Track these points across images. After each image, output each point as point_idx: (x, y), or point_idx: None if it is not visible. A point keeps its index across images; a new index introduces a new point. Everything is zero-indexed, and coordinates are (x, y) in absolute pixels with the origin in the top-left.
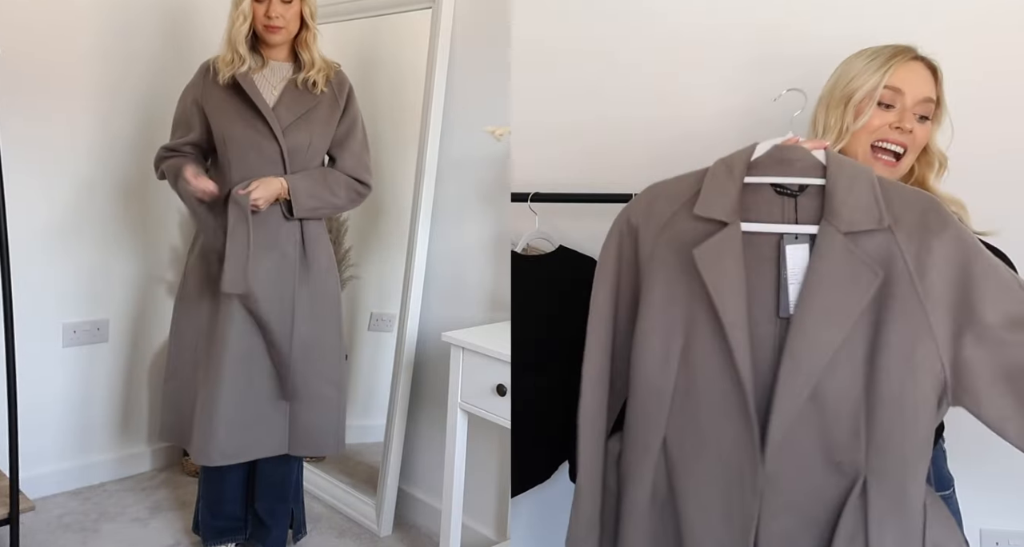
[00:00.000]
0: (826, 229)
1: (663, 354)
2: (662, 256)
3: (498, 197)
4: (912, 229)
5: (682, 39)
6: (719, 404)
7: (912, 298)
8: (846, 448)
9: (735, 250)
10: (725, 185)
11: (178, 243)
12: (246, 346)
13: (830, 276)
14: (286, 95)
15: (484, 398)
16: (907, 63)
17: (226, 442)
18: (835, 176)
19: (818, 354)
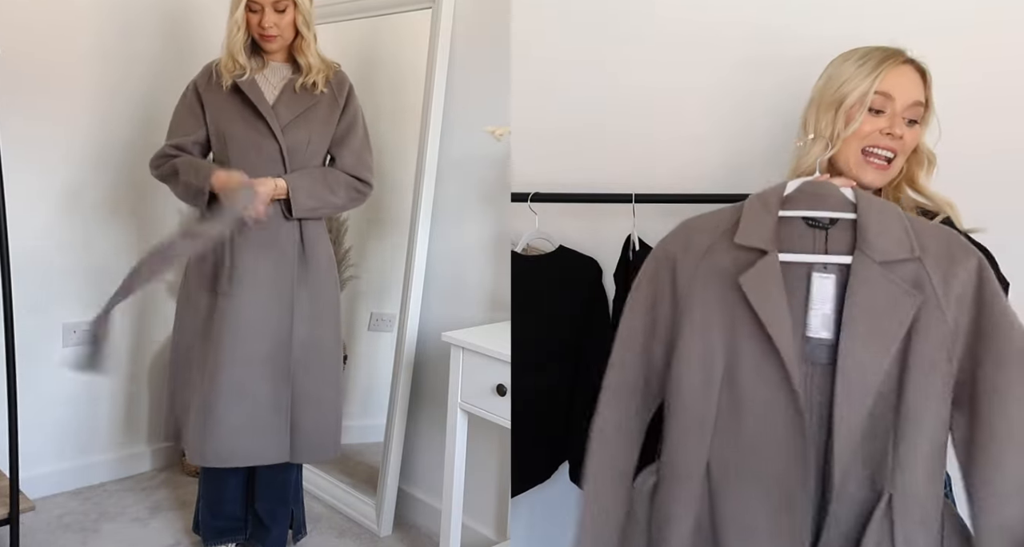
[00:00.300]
0: (861, 259)
1: (705, 379)
2: (702, 284)
3: (498, 197)
4: (939, 258)
5: (678, 38)
6: (769, 427)
7: (940, 322)
8: (878, 463)
9: (777, 277)
10: (762, 217)
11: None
12: (245, 348)
13: (870, 302)
14: (285, 95)
15: (484, 398)
16: (897, 67)
17: (222, 444)
18: (866, 211)
19: (870, 376)
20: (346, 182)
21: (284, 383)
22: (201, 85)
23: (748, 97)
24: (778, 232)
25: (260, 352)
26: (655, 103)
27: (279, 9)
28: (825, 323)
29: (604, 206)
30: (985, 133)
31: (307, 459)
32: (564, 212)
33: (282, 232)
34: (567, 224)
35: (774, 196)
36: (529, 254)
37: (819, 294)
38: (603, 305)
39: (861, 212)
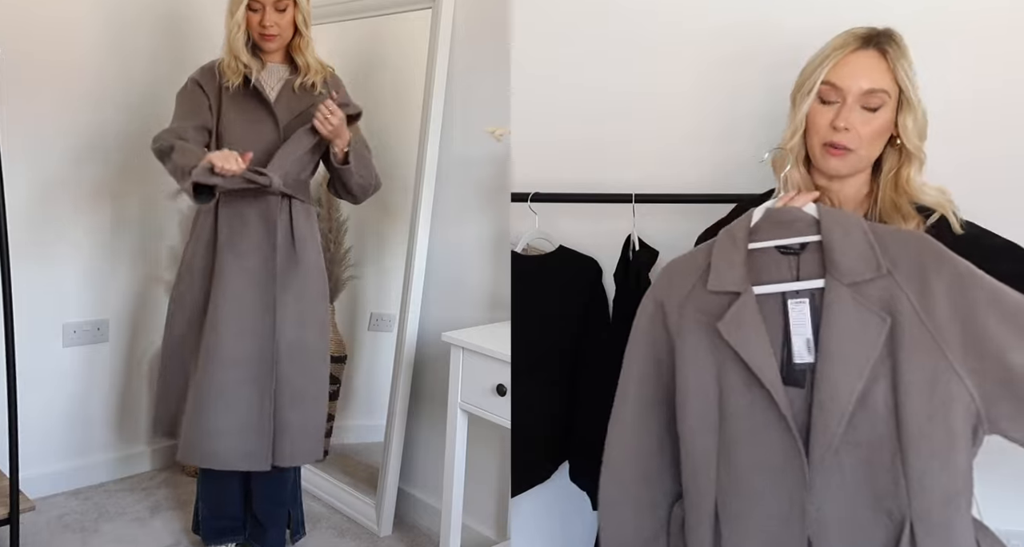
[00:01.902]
0: (831, 283)
1: (702, 422)
2: (687, 329)
3: (498, 197)
4: (911, 270)
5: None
6: (760, 461)
7: (924, 337)
8: (891, 495)
9: (753, 314)
10: (731, 256)
11: (177, 243)
12: (232, 348)
13: (841, 327)
14: (284, 95)
15: (484, 398)
16: (850, 55)
17: (207, 443)
18: (829, 230)
19: (841, 402)
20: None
21: (267, 388)
22: (203, 82)
23: (749, 96)
24: (750, 265)
25: (245, 353)
26: (655, 102)
27: (279, 8)
28: (808, 347)
29: (604, 206)
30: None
31: (290, 462)
32: (564, 212)
33: (271, 229)
34: (567, 224)
35: (741, 229)
36: (529, 254)
37: (796, 320)
38: (603, 305)
39: (825, 232)
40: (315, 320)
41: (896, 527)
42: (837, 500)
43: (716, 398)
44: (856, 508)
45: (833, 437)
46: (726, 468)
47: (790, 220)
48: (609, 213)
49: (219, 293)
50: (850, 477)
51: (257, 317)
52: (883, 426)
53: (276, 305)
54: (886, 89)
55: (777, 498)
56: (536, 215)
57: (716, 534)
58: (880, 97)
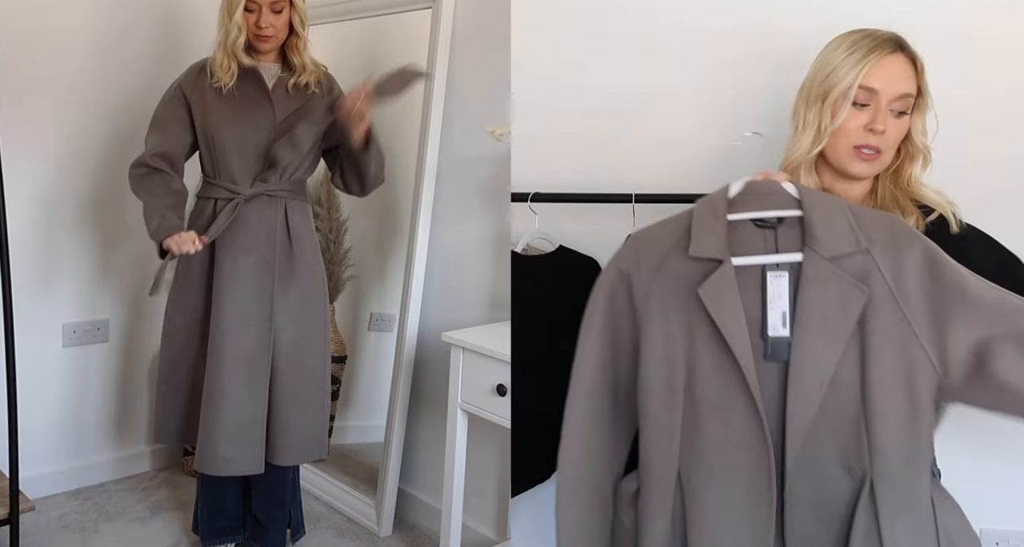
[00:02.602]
0: (810, 255)
1: (668, 390)
2: (657, 297)
3: (498, 197)
4: (885, 247)
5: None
6: (728, 430)
7: (894, 310)
8: (853, 454)
9: (732, 284)
10: (712, 225)
11: None
12: (239, 349)
13: (820, 298)
14: (278, 94)
15: (484, 398)
16: (884, 58)
17: (210, 451)
18: (810, 207)
19: (820, 371)
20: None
21: (262, 389)
22: (188, 86)
23: (749, 96)
24: (729, 236)
25: (247, 355)
26: (655, 103)
27: (276, 10)
28: (784, 321)
29: (604, 206)
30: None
31: (292, 460)
32: (564, 212)
33: (268, 228)
34: (567, 224)
35: (720, 200)
36: (529, 254)
37: (774, 293)
38: None
39: (806, 208)
40: (315, 319)
41: (857, 482)
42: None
43: (685, 366)
44: (822, 465)
45: (811, 407)
46: (691, 437)
47: (769, 192)
48: (609, 213)
49: (220, 295)
50: (814, 439)
51: (257, 318)
52: (848, 393)
53: (275, 305)
54: (912, 94)
55: (744, 469)
56: (536, 215)
57: (678, 503)
58: (909, 101)
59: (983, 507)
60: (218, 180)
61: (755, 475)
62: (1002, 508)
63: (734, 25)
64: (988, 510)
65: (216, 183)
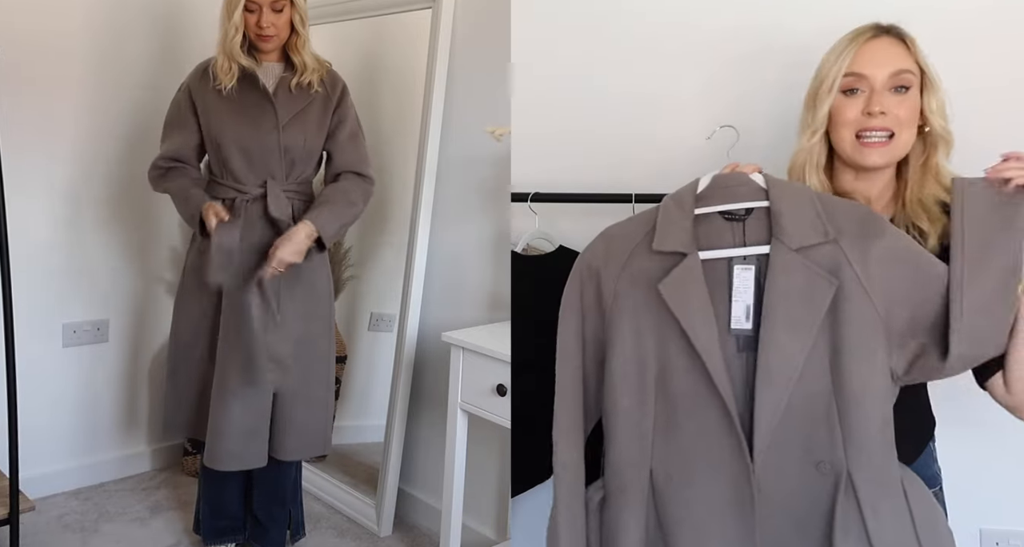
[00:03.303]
0: (778, 247)
1: (640, 389)
2: (626, 293)
3: (498, 197)
4: (854, 237)
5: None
6: (702, 426)
7: (864, 299)
8: (825, 447)
9: (697, 278)
10: (678, 219)
11: (178, 243)
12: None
13: (788, 290)
14: (281, 94)
15: (484, 398)
16: (867, 43)
17: (219, 447)
18: (778, 198)
19: (789, 364)
20: (355, 185)
21: (267, 386)
22: (194, 87)
23: (748, 96)
24: (696, 230)
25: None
26: (655, 102)
27: (276, 9)
28: (747, 314)
29: (604, 206)
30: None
31: (296, 456)
32: (564, 212)
33: (276, 228)
34: (567, 224)
35: (688, 194)
36: (529, 254)
37: (740, 286)
38: None
39: (773, 199)
40: (320, 318)
41: (831, 480)
42: (774, 458)
43: (655, 364)
44: (792, 463)
45: (780, 399)
46: (664, 438)
47: (736, 185)
48: (609, 213)
49: (229, 292)
50: (785, 434)
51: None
52: (818, 384)
53: (281, 303)
54: (911, 69)
55: (721, 466)
56: (536, 215)
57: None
58: (908, 76)
59: (983, 507)
60: (224, 180)
61: (734, 471)
62: (1002, 508)
63: (736, 25)
64: (988, 510)
65: (222, 182)
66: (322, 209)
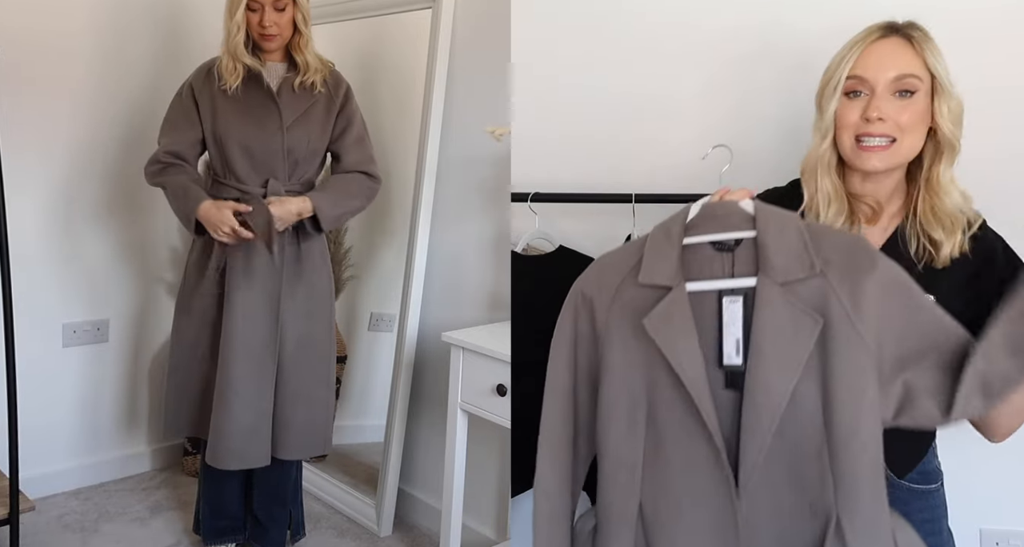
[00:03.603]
0: (763, 281)
1: (629, 421)
2: (616, 325)
3: (498, 197)
4: (843, 271)
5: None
6: (690, 462)
7: (854, 336)
8: (816, 489)
9: (683, 312)
10: (664, 250)
11: (178, 243)
12: (252, 346)
13: (773, 327)
14: (284, 94)
15: (484, 398)
16: (873, 44)
17: (221, 446)
18: (764, 228)
19: (774, 402)
20: (360, 181)
21: (269, 384)
22: (197, 86)
23: (748, 96)
24: (683, 261)
25: (256, 351)
26: (655, 102)
27: (279, 8)
28: (737, 348)
29: (604, 206)
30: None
31: (296, 455)
32: (564, 212)
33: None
34: (567, 224)
35: (676, 224)
36: (529, 254)
37: (729, 319)
38: None
39: (760, 230)
40: (321, 318)
41: (821, 522)
42: (763, 496)
43: (645, 397)
44: (781, 503)
45: (765, 437)
46: (653, 470)
47: (725, 214)
48: (609, 213)
49: (230, 295)
50: (775, 473)
51: (265, 317)
52: (810, 424)
53: (283, 304)
54: (917, 74)
55: (706, 502)
56: (536, 215)
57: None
58: (912, 82)
59: (983, 507)
60: (226, 179)
61: (719, 507)
62: (1002, 508)
63: (736, 25)
64: (988, 510)
65: (225, 182)
66: (322, 193)
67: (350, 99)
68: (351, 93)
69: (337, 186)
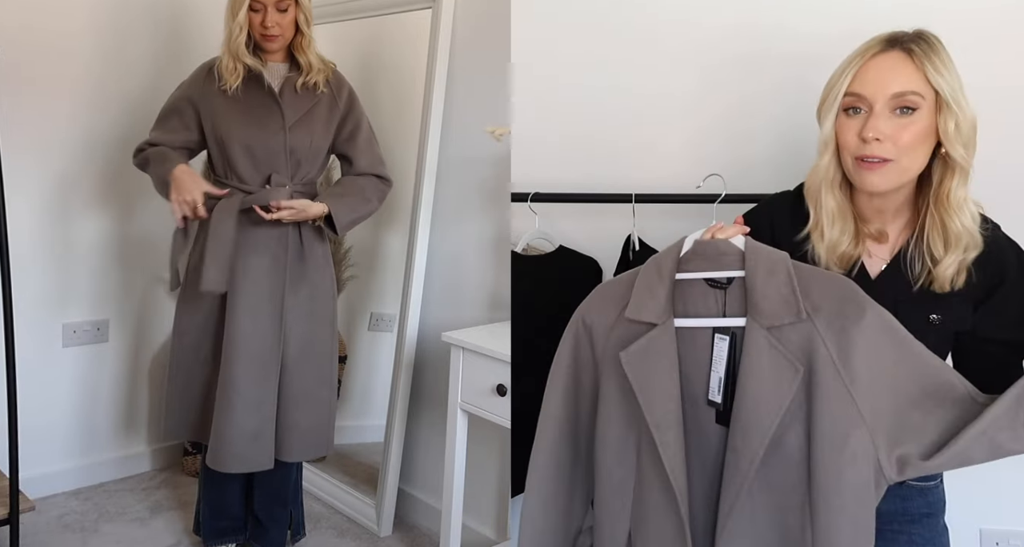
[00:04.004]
0: (750, 324)
1: (620, 448)
2: (611, 356)
3: (498, 197)
4: (832, 318)
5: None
6: (660, 498)
7: (838, 386)
8: (797, 541)
9: (663, 348)
10: (654, 286)
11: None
12: (255, 348)
13: (756, 371)
14: (286, 94)
15: (484, 398)
16: (872, 60)
17: (223, 449)
18: (753, 268)
19: (752, 447)
20: (374, 184)
21: (272, 386)
22: (197, 86)
23: (748, 96)
24: (678, 295)
25: (259, 352)
26: (655, 103)
27: (281, 8)
28: (719, 387)
29: (604, 206)
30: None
31: (299, 457)
32: (564, 212)
33: (278, 230)
34: (567, 224)
35: (669, 259)
36: (529, 254)
37: (716, 357)
38: None
39: (748, 271)
40: (324, 319)
41: None
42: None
43: (635, 429)
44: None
45: (744, 480)
46: (640, 498)
47: (715, 254)
48: (609, 213)
49: (233, 295)
50: (759, 520)
51: (268, 317)
52: (795, 473)
53: (286, 305)
54: (917, 91)
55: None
56: (536, 215)
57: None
58: (912, 99)
59: (983, 507)
60: (228, 179)
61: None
62: (1002, 508)
63: (737, 24)
64: (988, 510)
65: (227, 182)
66: (338, 198)
67: (355, 101)
68: (355, 95)
69: (352, 190)
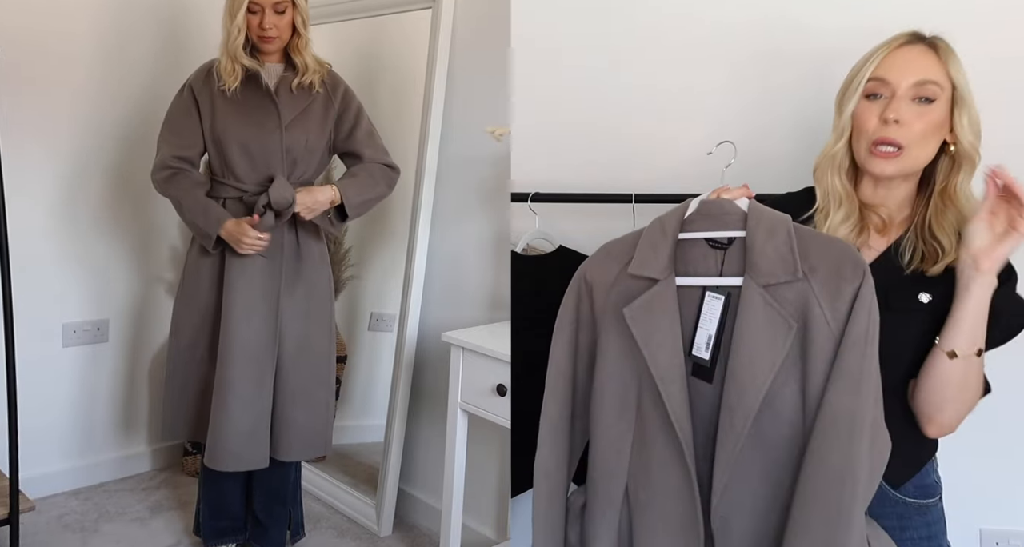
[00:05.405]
0: (747, 282)
1: (620, 404)
2: (611, 312)
3: (498, 197)
4: (827, 278)
5: (683, 35)
6: (663, 451)
7: (831, 344)
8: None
9: (665, 305)
10: (658, 243)
11: (178, 243)
12: (250, 347)
13: (751, 328)
14: (282, 94)
15: (484, 398)
16: (897, 50)
17: (220, 447)
18: (754, 228)
19: (747, 403)
20: (382, 170)
21: (268, 385)
22: (197, 87)
23: (756, 94)
24: (680, 255)
25: (255, 351)
26: (655, 102)
27: (279, 10)
28: (708, 343)
29: (604, 206)
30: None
31: (296, 456)
32: (564, 212)
33: (277, 229)
34: (567, 224)
35: (673, 219)
36: (529, 254)
37: (707, 315)
38: None
39: (749, 230)
40: (320, 318)
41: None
42: (739, 494)
43: (635, 384)
44: (760, 503)
45: (739, 437)
46: (639, 454)
47: (719, 213)
48: (609, 213)
49: (229, 295)
50: (752, 473)
51: (264, 316)
52: (788, 428)
53: (282, 304)
54: (938, 81)
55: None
56: (536, 215)
57: (624, 519)
58: (932, 88)
59: (983, 507)
60: (225, 179)
61: (685, 501)
62: (1002, 508)
63: (738, 22)
64: (988, 510)
65: (223, 182)
66: (347, 181)
67: (351, 98)
68: (351, 92)
69: (360, 175)
